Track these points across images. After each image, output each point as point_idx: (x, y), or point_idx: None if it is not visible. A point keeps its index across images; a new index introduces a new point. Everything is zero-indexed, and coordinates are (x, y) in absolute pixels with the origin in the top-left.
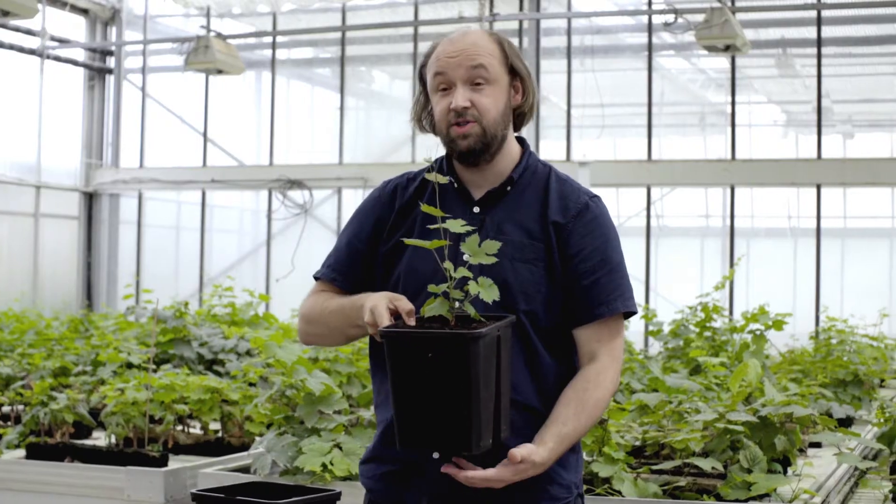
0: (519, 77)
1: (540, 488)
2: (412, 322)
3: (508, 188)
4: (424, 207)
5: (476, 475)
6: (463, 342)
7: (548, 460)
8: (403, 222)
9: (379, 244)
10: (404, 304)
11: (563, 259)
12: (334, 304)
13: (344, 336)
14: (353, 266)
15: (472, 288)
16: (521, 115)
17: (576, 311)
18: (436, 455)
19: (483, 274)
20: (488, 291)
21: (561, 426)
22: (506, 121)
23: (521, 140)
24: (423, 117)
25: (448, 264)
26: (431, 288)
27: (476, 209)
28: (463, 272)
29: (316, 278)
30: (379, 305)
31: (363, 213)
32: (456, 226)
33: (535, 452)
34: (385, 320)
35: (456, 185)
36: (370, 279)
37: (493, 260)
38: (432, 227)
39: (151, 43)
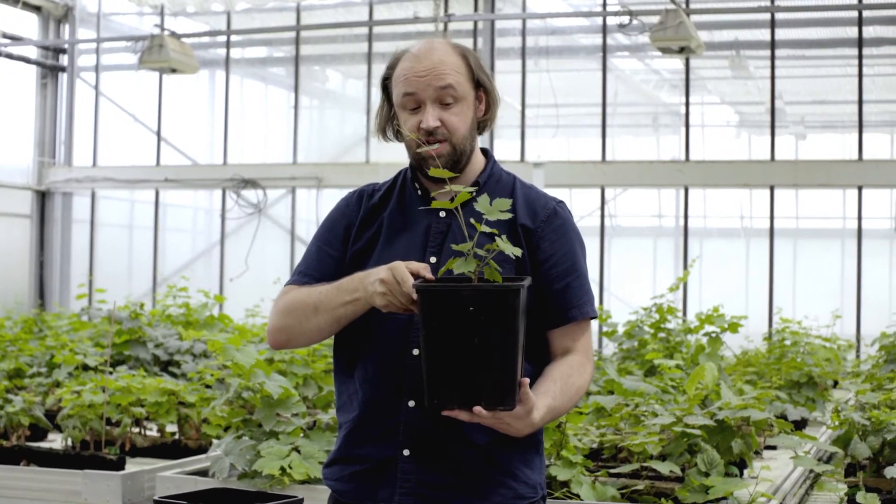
0: (483, 88)
1: (507, 486)
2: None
3: (474, 192)
4: (433, 171)
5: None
6: (507, 294)
7: (538, 424)
8: (370, 226)
9: (348, 248)
10: (418, 264)
11: (534, 263)
12: (323, 286)
13: (329, 318)
14: (324, 270)
15: (501, 245)
16: (483, 122)
17: (549, 314)
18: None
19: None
20: (508, 245)
21: (551, 399)
22: (473, 135)
23: (484, 151)
24: (388, 128)
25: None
26: (455, 247)
27: (442, 213)
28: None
29: (288, 285)
30: (398, 266)
31: (332, 220)
32: (464, 195)
33: (535, 409)
34: (411, 279)
35: (420, 192)
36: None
37: (508, 216)
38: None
39: (105, 41)
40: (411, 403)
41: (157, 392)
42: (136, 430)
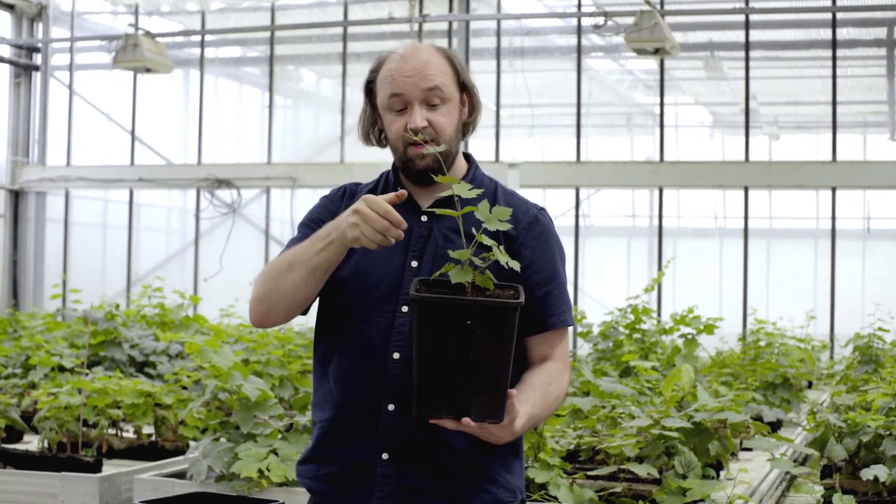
0: (468, 91)
1: (487, 491)
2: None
3: (457, 198)
4: (440, 178)
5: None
6: (508, 311)
7: (519, 433)
8: None
9: None
10: (391, 194)
11: (513, 271)
12: (295, 246)
13: (304, 271)
14: None
15: (497, 255)
16: (466, 126)
17: (529, 321)
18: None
19: None
20: (512, 261)
21: (531, 408)
22: (458, 137)
23: (467, 156)
24: (371, 132)
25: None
26: (453, 254)
27: (424, 218)
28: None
29: None
30: (371, 196)
31: (316, 212)
32: (463, 189)
33: (518, 418)
34: (388, 206)
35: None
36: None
37: (507, 226)
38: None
39: (79, 40)
40: (391, 407)
41: (133, 394)
42: (113, 431)
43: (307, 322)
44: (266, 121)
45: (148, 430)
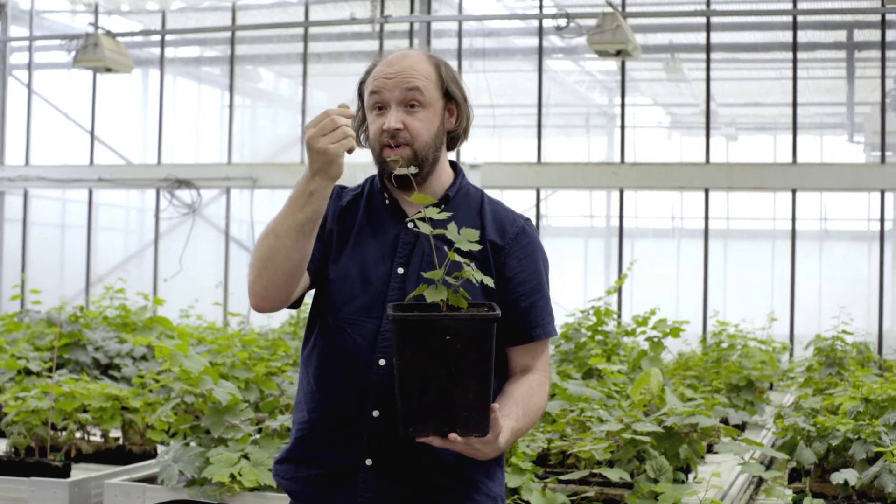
0: (454, 101)
1: (470, 498)
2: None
3: (443, 206)
4: (415, 198)
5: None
6: (484, 324)
7: (503, 448)
8: (337, 224)
9: (323, 234)
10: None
11: (501, 280)
12: (275, 216)
13: (292, 234)
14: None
15: (470, 273)
16: (454, 137)
17: (513, 331)
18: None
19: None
20: (485, 277)
21: (514, 422)
22: (438, 144)
23: (453, 164)
24: (361, 133)
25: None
26: (425, 274)
27: (410, 223)
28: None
29: None
30: (315, 119)
31: None
32: (433, 212)
33: (502, 433)
34: (331, 110)
35: (389, 201)
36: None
37: (477, 247)
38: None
39: (38, 39)
40: (376, 413)
41: (101, 397)
42: (80, 435)
43: (269, 324)
44: (226, 121)
45: (115, 433)
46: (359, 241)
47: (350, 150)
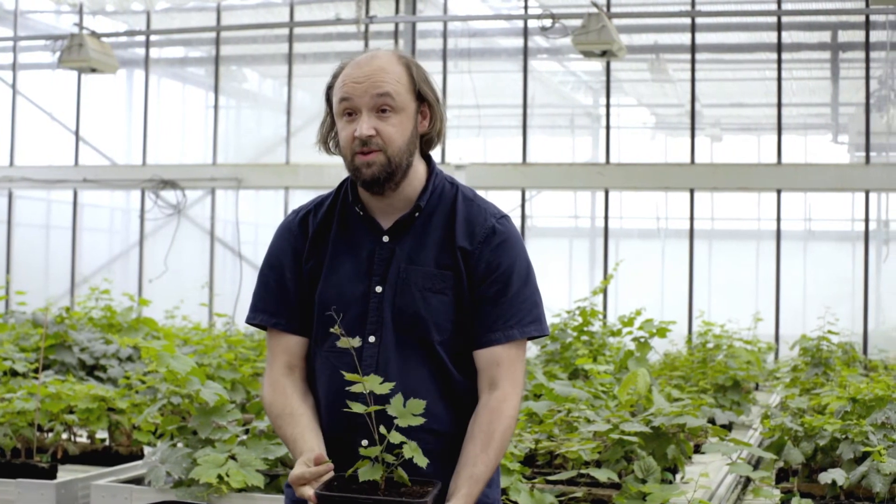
0: (426, 102)
1: None
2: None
3: (416, 214)
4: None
5: None
6: None
7: None
8: (316, 249)
9: (302, 269)
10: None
11: (471, 285)
12: (284, 433)
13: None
14: (288, 305)
15: (408, 452)
16: (428, 139)
17: (474, 334)
18: None
19: (395, 307)
20: (420, 456)
21: (472, 468)
22: (411, 148)
23: (427, 159)
24: (329, 139)
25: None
26: (363, 451)
27: (385, 238)
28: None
29: (261, 326)
30: (297, 486)
31: (279, 251)
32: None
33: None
34: (310, 493)
35: (362, 213)
36: (308, 309)
37: (420, 420)
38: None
39: (22, 40)
40: (364, 443)
41: (87, 398)
42: (67, 436)
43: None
44: (211, 121)
45: (102, 434)
46: (334, 264)
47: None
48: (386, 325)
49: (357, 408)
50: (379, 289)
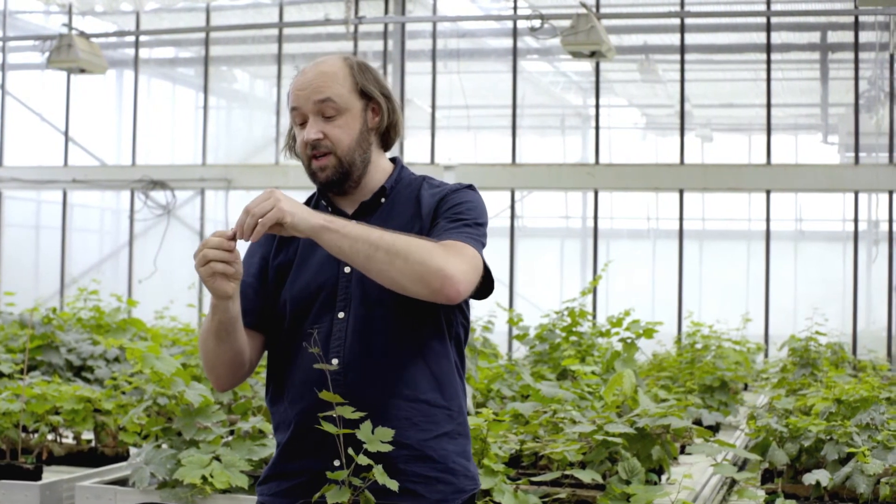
0: (374, 99)
1: (446, 482)
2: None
3: (382, 199)
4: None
5: None
6: None
7: (307, 221)
8: (285, 247)
9: (268, 271)
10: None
11: (431, 227)
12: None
13: (214, 339)
14: (248, 301)
15: (377, 476)
16: (385, 134)
17: None
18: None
19: (364, 281)
20: (389, 481)
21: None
22: (364, 146)
23: (393, 160)
24: (293, 147)
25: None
26: (330, 475)
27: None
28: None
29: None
30: (207, 246)
31: (248, 253)
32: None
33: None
34: (210, 240)
35: (330, 209)
36: (272, 307)
37: (388, 447)
38: None
39: (11, 40)
40: (336, 462)
41: (73, 399)
42: (52, 437)
43: None
44: (200, 122)
45: (88, 435)
46: (305, 255)
47: (233, 277)
48: (354, 299)
49: (329, 428)
50: (347, 269)
